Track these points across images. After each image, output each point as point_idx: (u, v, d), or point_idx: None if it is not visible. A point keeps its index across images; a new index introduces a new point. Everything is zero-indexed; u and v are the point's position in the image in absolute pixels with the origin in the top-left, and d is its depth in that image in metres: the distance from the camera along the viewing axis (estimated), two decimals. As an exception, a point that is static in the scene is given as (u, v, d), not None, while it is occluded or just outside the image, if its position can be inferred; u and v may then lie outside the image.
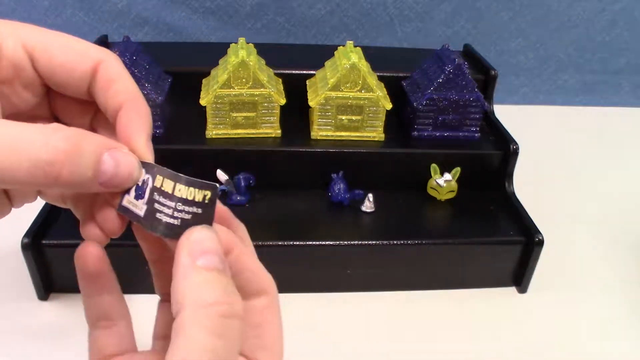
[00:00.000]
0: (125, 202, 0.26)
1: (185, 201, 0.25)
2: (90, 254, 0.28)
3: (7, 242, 0.55)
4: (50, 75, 0.27)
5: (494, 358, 0.53)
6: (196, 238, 0.24)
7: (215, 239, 0.24)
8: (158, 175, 0.25)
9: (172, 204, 0.25)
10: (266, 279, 0.27)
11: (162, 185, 0.25)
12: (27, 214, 0.55)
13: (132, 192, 0.26)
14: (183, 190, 0.25)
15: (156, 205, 0.25)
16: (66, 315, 0.54)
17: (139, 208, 0.26)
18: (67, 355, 0.50)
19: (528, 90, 1.02)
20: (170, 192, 0.25)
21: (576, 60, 1.00)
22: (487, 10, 0.93)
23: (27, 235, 0.53)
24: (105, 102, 0.27)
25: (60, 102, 0.29)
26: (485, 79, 0.72)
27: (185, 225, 0.25)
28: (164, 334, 0.31)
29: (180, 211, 0.25)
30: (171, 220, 0.25)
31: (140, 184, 0.26)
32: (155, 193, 0.25)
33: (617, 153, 0.88)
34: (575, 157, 0.86)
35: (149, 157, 0.26)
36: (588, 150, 0.88)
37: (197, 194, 0.25)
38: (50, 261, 0.55)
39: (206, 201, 0.25)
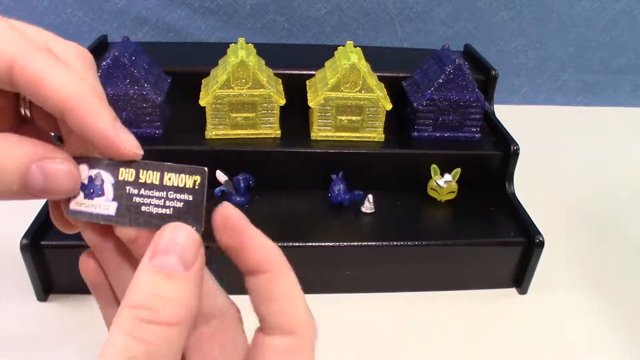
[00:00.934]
0: (74, 206, 0.25)
1: (177, 189, 0.24)
2: (87, 267, 0.27)
3: (6, 243, 0.55)
4: None
5: (494, 358, 0.53)
6: (165, 235, 0.23)
7: (188, 240, 0.23)
8: (123, 169, 0.24)
9: (162, 194, 0.24)
10: (299, 318, 0.24)
11: (139, 177, 0.24)
12: (26, 214, 0.55)
13: (79, 193, 0.25)
14: (174, 178, 0.24)
15: (137, 199, 0.24)
16: (65, 316, 0.54)
17: (103, 207, 0.24)
18: (66, 355, 0.50)
19: (528, 91, 1.02)
20: (157, 182, 0.24)
21: (577, 60, 1.00)
22: (488, 10, 0.93)
23: (26, 236, 0.52)
24: (41, 106, 0.23)
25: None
26: (485, 79, 0.72)
27: (177, 213, 0.24)
28: None
29: (172, 199, 0.24)
30: (162, 210, 0.24)
31: (86, 182, 0.25)
32: (128, 187, 0.24)
33: (617, 153, 0.88)
34: (576, 157, 0.86)
35: (130, 149, 0.24)
36: (589, 151, 0.88)
37: (188, 180, 0.24)
38: (49, 262, 0.54)
39: (196, 187, 0.24)
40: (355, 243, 0.57)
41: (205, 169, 0.24)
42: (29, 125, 0.27)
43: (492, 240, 0.60)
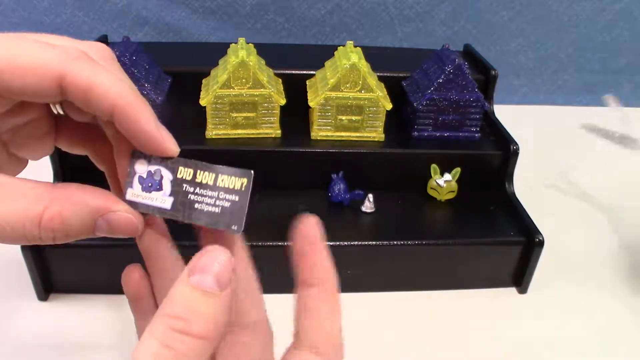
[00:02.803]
0: (130, 197, 0.27)
1: (227, 190, 0.26)
2: (131, 278, 0.29)
3: (6, 243, 0.55)
4: (18, 97, 0.24)
5: (494, 358, 0.53)
6: (205, 256, 0.24)
7: (225, 263, 0.24)
8: (182, 168, 0.26)
9: (214, 194, 0.26)
10: (331, 339, 0.27)
11: (195, 177, 0.26)
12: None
13: (137, 186, 0.27)
14: (226, 180, 0.26)
15: (191, 197, 0.26)
16: (66, 316, 0.54)
17: (159, 200, 0.26)
18: (66, 355, 0.50)
19: (528, 90, 1.02)
20: (211, 183, 0.26)
21: (576, 60, 1.00)
22: (487, 10, 0.93)
23: (26, 235, 0.52)
24: (91, 111, 0.25)
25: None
26: (485, 79, 0.72)
27: (223, 212, 0.26)
28: None
29: (222, 199, 0.26)
30: (213, 209, 0.26)
31: (144, 176, 0.26)
32: (185, 185, 0.26)
33: (617, 153, 0.88)
34: (575, 157, 0.86)
35: (172, 147, 0.26)
36: (588, 151, 0.88)
37: (237, 182, 0.26)
38: (50, 262, 0.54)
39: (242, 189, 0.26)
40: (356, 242, 0.57)
41: (252, 172, 0.26)
42: (64, 120, 0.28)
43: (492, 239, 0.60)
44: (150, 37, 0.90)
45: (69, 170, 0.61)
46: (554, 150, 0.86)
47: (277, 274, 0.29)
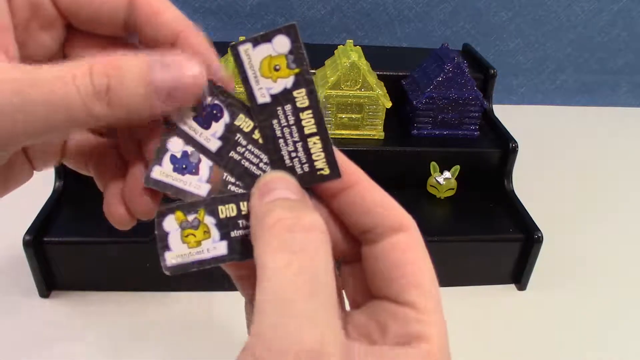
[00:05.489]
0: (157, 175, 0.24)
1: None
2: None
3: (9, 239, 0.56)
4: (75, 10, 0.24)
5: (493, 355, 0.53)
6: (264, 180, 0.23)
7: (285, 176, 0.23)
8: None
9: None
10: (401, 214, 0.24)
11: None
12: (29, 211, 0.56)
13: (167, 165, 0.24)
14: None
15: (231, 187, 0.24)
16: (67, 313, 0.54)
17: (194, 186, 0.24)
18: (68, 352, 0.51)
19: (527, 91, 1.02)
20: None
21: (575, 60, 1.01)
22: (487, 11, 0.94)
23: (29, 232, 0.53)
24: (154, 35, 0.24)
25: (79, 43, 0.25)
26: (484, 78, 0.72)
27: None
28: None
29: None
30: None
31: (178, 155, 0.24)
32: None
33: (615, 152, 0.88)
34: (573, 156, 0.86)
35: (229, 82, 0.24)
36: (586, 150, 0.88)
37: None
38: (51, 258, 0.55)
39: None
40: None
41: None
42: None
43: (491, 236, 0.60)
44: (151, 37, 0.91)
45: (70, 170, 0.61)
46: (553, 149, 0.87)
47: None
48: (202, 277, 0.57)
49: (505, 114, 0.72)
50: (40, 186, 0.62)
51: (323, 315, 0.20)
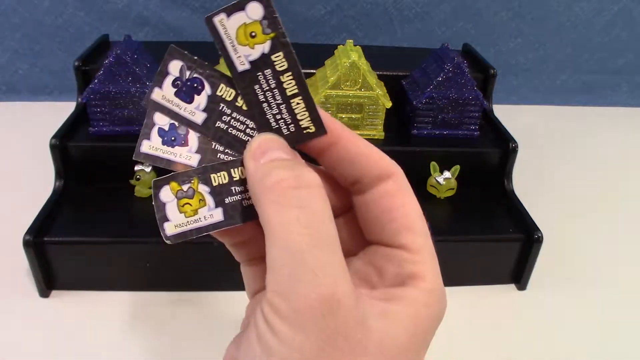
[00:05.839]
0: (145, 149, 0.25)
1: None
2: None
3: (9, 239, 0.56)
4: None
5: (493, 355, 0.53)
6: (255, 143, 0.24)
7: (275, 137, 0.24)
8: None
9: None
10: (387, 163, 0.25)
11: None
12: (29, 210, 0.56)
13: (155, 135, 0.25)
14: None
15: (220, 155, 0.25)
16: (67, 312, 0.54)
17: (185, 157, 0.25)
18: (68, 352, 0.51)
19: (527, 90, 1.02)
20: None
21: (575, 60, 1.01)
22: (487, 11, 0.94)
23: (29, 232, 0.53)
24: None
25: None
26: (484, 78, 0.72)
27: None
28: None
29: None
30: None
31: (166, 128, 0.24)
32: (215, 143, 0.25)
33: (615, 152, 0.88)
34: (573, 156, 0.86)
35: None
36: (586, 150, 0.88)
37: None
38: (51, 258, 0.55)
39: (304, 132, 0.25)
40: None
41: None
42: None
43: (491, 236, 0.60)
44: (151, 37, 0.91)
45: (70, 169, 0.61)
46: (553, 149, 0.87)
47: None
48: (202, 277, 0.57)
49: (505, 114, 0.72)
50: (40, 186, 0.62)
51: (334, 263, 0.21)
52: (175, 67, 0.24)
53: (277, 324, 0.21)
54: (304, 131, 0.24)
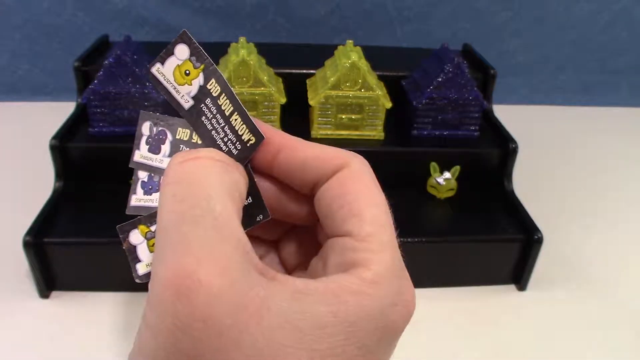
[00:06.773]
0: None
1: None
2: None
3: (9, 240, 0.56)
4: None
5: (493, 355, 0.53)
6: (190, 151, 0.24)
7: (213, 149, 0.24)
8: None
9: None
10: (340, 156, 0.24)
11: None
12: (29, 211, 0.56)
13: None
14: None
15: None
16: (67, 313, 0.54)
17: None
18: (68, 353, 0.51)
19: (527, 91, 1.02)
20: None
21: (575, 60, 1.01)
22: (487, 11, 0.94)
23: (29, 233, 0.53)
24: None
25: None
26: (484, 78, 0.72)
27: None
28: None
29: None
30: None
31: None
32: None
33: (615, 152, 0.88)
34: (573, 156, 0.86)
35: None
36: (586, 150, 0.88)
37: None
38: (52, 259, 0.55)
39: (248, 145, 0.24)
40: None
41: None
42: None
43: (491, 237, 0.60)
44: (151, 38, 0.91)
45: (70, 170, 0.61)
46: (553, 150, 0.87)
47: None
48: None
49: (505, 114, 0.72)
50: (40, 186, 0.62)
51: (202, 241, 0.19)
52: (146, 127, 0.26)
53: (145, 308, 0.20)
54: (247, 144, 0.25)
